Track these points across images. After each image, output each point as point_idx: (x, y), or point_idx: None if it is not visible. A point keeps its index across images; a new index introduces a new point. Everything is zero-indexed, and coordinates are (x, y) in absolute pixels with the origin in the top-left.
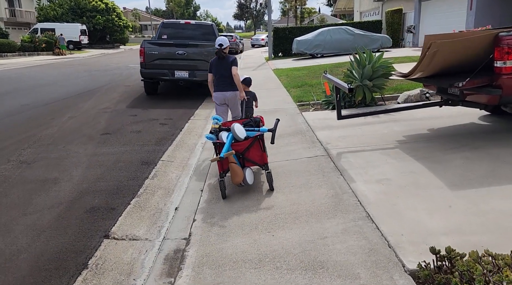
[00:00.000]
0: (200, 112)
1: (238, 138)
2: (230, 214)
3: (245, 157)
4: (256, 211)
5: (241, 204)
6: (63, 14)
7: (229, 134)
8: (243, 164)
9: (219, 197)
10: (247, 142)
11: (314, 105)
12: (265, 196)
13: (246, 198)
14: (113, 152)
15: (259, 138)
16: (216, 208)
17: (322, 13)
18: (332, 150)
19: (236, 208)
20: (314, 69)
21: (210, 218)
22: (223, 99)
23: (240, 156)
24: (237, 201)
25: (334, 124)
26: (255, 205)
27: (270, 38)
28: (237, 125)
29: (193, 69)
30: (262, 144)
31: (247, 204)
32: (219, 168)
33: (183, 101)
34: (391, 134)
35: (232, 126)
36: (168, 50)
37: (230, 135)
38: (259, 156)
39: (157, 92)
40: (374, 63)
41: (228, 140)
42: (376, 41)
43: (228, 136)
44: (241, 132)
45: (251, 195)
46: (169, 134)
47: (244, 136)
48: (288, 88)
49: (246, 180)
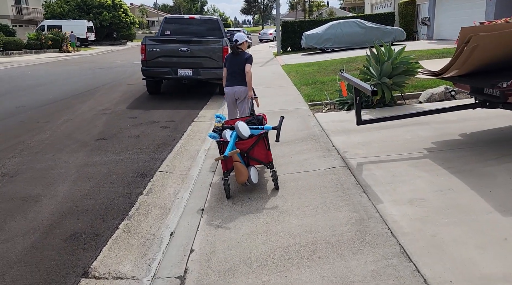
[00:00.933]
0: (205, 113)
1: (242, 136)
2: (234, 243)
3: (250, 155)
4: (265, 240)
5: (247, 227)
6: (70, 11)
7: (233, 133)
8: (247, 163)
9: (221, 218)
10: (251, 140)
11: (327, 105)
12: (276, 218)
13: (253, 219)
14: (107, 161)
15: (263, 136)
16: (217, 234)
17: (331, 6)
18: (351, 160)
19: (242, 233)
20: (325, 65)
21: (210, 247)
22: (232, 94)
23: (245, 154)
24: (243, 224)
25: (350, 128)
26: (263, 232)
27: (279, 33)
28: (241, 123)
29: (197, 67)
30: (266, 142)
31: (255, 229)
32: (223, 167)
33: (187, 100)
34: (417, 140)
35: (236, 124)
36: (171, 47)
37: (234, 134)
38: (264, 154)
39: (160, 91)
40: (394, 59)
41: (232, 138)
42: (389, 34)
43: (232, 135)
44: (245, 130)
45: (259, 216)
46: (169, 139)
47: (249, 134)
48: (298, 85)
49: (251, 179)
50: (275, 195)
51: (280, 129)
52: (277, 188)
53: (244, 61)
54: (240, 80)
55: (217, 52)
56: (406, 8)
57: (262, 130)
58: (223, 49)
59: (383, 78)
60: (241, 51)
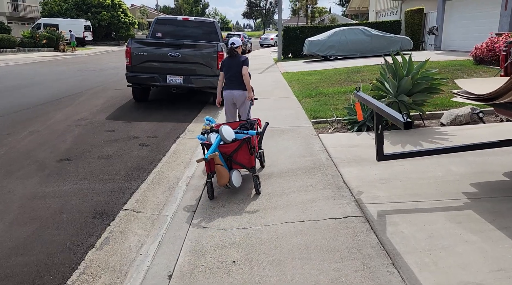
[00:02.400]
0: (194, 127)
1: (225, 140)
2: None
3: (233, 159)
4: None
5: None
6: (68, 10)
7: (217, 136)
8: (230, 166)
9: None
10: (235, 144)
11: (334, 123)
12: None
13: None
14: (62, 192)
15: (247, 141)
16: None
17: (333, 13)
18: (369, 206)
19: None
20: (329, 74)
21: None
22: (231, 98)
23: (228, 158)
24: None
25: (363, 155)
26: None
27: (280, 38)
28: (225, 127)
29: (188, 74)
30: (250, 147)
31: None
32: (206, 169)
33: (176, 111)
34: (450, 178)
35: (220, 128)
36: (159, 51)
37: (218, 137)
38: (247, 159)
39: (148, 98)
40: (415, 74)
41: (216, 141)
42: (396, 43)
43: (216, 138)
44: (228, 134)
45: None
46: (147, 162)
47: (232, 138)
48: (299, 97)
49: (232, 182)
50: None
51: (263, 134)
52: (258, 193)
53: (241, 64)
54: (238, 83)
55: (211, 58)
56: (413, 17)
57: (245, 135)
58: (218, 55)
59: (401, 95)
60: (237, 54)
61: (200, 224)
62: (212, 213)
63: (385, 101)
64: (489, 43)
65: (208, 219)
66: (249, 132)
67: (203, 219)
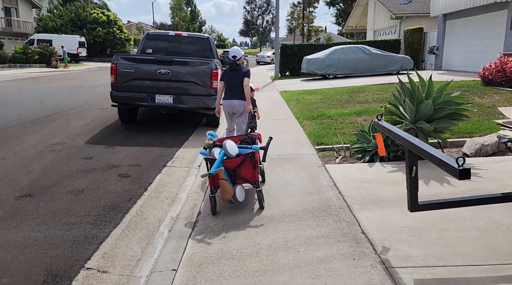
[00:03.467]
0: (184, 153)
1: (229, 154)
2: None
3: (237, 174)
4: None
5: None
6: (63, 26)
7: (221, 151)
8: (234, 181)
9: None
10: (238, 159)
11: (341, 151)
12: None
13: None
14: (11, 243)
15: (250, 156)
16: None
17: (328, 32)
18: (402, 273)
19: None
20: (329, 94)
21: None
22: (231, 107)
23: (231, 173)
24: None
25: (381, 194)
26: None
27: (277, 56)
28: (229, 142)
29: (179, 93)
30: (253, 162)
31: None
32: (210, 184)
33: (165, 133)
34: (496, 231)
35: (224, 143)
36: (148, 68)
37: (222, 152)
38: (250, 173)
39: (136, 119)
40: (437, 98)
41: (220, 156)
42: (396, 62)
43: (220, 153)
44: (232, 149)
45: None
46: (125, 198)
47: (236, 153)
48: (300, 119)
49: (236, 197)
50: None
51: (268, 149)
52: (262, 208)
53: (243, 75)
54: (238, 93)
55: (204, 76)
56: (413, 36)
57: (249, 150)
58: (212, 73)
59: (420, 122)
60: (239, 66)
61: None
62: (198, 274)
63: (400, 128)
64: (498, 64)
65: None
66: (253, 146)
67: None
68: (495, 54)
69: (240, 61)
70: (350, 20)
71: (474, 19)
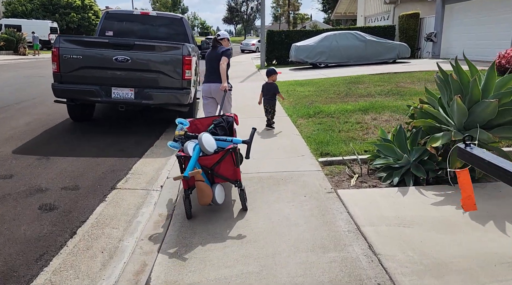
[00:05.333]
0: (144, 166)
1: (206, 151)
2: None
3: (215, 172)
4: None
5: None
6: (33, 10)
7: (196, 146)
8: (212, 181)
9: None
10: (217, 155)
11: (354, 164)
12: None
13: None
14: None
15: (231, 151)
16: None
17: (314, 20)
18: None
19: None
20: (324, 85)
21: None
22: (209, 91)
23: (209, 171)
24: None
25: (438, 248)
26: None
27: (263, 43)
28: (205, 136)
29: (143, 86)
30: (235, 158)
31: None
32: (183, 185)
33: (126, 136)
34: None
35: (200, 137)
36: (100, 54)
37: (197, 148)
38: (231, 171)
39: (92, 116)
40: (507, 96)
41: (195, 153)
42: (393, 49)
43: (195, 149)
44: (210, 144)
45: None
46: (33, 255)
47: (214, 149)
48: (294, 117)
49: (215, 199)
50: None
51: (251, 143)
52: (245, 209)
53: (220, 55)
54: (216, 76)
55: (175, 65)
56: (408, 22)
57: (230, 144)
58: (185, 60)
59: (475, 130)
60: (220, 45)
61: None
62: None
63: (440, 139)
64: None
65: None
66: (233, 140)
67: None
68: (502, 41)
69: (223, 41)
70: (339, 6)
71: (476, 3)
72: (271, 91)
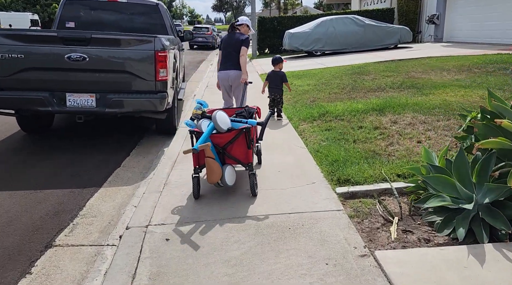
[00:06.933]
0: (103, 200)
1: (219, 128)
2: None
3: (227, 152)
4: None
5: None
6: (13, 2)
7: (210, 123)
8: (223, 161)
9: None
10: (230, 134)
11: (385, 197)
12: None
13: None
14: None
15: (245, 132)
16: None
17: (305, 6)
18: None
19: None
20: (325, 77)
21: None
22: (226, 79)
23: (221, 150)
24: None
25: None
26: None
27: (254, 31)
28: (219, 113)
29: (106, 90)
30: (248, 140)
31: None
32: (194, 162)
33: (89, 151)
34: None
35: (214, 114)
36: (48, 51)
37: (211, 125)
38: (243, 153)
39: (51, 126)
40: None
41: (208, 129)
42: (394, 34)
43: (209, 126)
44: (224, 122)
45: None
46: None
47: (227, 128)
48: (295, 121)
49: (224, 180)
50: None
51: (266, 125)
52: (254, 195)
53: (240, 43)
54: (235, 63)
55: (144, 62)
56: (408, 4)
57: (244, 124)
58: (157, 57)
59: None
60: (238, 32)
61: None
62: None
63: None
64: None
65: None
66: (248, 121)
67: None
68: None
69: (242, 28)
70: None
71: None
72: (278, 79)
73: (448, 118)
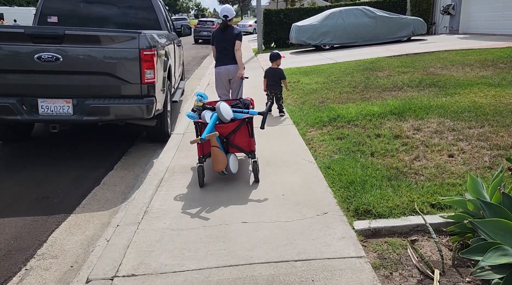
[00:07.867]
0: (70, 232)
1: (223, 118)
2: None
3: (230, 141)
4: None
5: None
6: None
7: (213, 114)
8: (227, 150)
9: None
10: (233, 124)
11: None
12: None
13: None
14: None
15: (247, 121)
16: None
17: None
18: None
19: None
20: (334, 74)
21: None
22: (226, 74)
23: (224, 140)
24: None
25: None
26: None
27: (260, 24)
28: (223, 104)
29: (84, 95)
30: (250, 129)
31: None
32: (198, 152)
33: (64, 165)
34: None
35: (218, 105)
36: (15, 51)
37: (215, 115)
38: (246, 142)
39: (31, 133)
40: None
41: (212, 120)
42: (407, 26)
43: (212, 116)
44: (227, 112)
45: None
46: None
47: (231, 118)
48: (302, 126)
49: (229, 168)
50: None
51: (267, 115)
52: (257, 181)
53: (235, 37)
54: (233, 57)
55: (127, 63)
56: None
57: (246, 114)
58: (142, 57)
59: None
60: (230, 27)
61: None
62: None
63: None
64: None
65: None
66: (249, 111)
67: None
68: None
69: (231, 22)
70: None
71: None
72: (276, 76)
73: (481, 124)
